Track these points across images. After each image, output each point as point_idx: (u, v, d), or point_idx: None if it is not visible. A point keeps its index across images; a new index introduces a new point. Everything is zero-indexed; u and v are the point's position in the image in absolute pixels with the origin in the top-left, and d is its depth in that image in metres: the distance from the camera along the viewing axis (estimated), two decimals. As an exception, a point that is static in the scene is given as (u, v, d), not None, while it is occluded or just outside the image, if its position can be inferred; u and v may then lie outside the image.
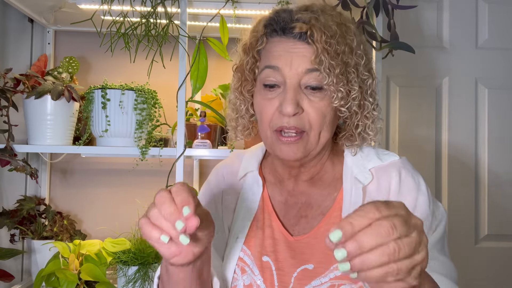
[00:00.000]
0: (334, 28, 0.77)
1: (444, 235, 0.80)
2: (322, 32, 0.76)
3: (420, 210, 0.78)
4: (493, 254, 1.87)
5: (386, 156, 0.85)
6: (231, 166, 0.94)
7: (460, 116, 1.88)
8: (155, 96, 1.46)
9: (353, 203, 0.79)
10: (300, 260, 0.80)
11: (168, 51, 1.34)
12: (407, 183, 0.81)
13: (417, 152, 1.85)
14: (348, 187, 0.82)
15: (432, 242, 0.76)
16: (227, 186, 0.92)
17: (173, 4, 1.37)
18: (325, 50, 0.75)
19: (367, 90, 0.81)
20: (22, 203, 1.60)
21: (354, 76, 0.78)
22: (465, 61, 1.90)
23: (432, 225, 0.79)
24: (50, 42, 1.74)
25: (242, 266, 0.83)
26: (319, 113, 0.77)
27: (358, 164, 0.84)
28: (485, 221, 1.87)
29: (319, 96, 0.77)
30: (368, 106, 0.82)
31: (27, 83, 1.44)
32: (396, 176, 0.81)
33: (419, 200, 0.79)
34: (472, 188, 1.87)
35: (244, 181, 0.90)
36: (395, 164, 0.83)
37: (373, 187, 0.82)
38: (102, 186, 1.76)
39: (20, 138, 1.52)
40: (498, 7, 1.91)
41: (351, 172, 0.83)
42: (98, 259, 1.43)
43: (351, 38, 0.79)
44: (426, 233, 0.74)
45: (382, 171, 0.83)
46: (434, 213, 0.80)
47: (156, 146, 1.43)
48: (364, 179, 0.82)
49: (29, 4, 1.52)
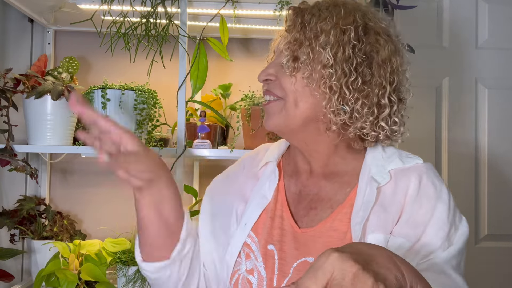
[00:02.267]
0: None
1: (462, 252, 0.76)
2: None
3: (437, 218, 0.75)
4: (493, 254, 1.87)
5: (409, 159, 0.83)
6: (255, 157, 0.96)
7: (460, 116, 1.88)
8: (155, 96, 1.46)
9: (365, 202, 0.77)
10: (302, 251, 0.80)
11: (168, 51, 1.34)
12: (427, 189, 0.78)
13: (417, 152, 1.84)
14: (363, 185, 0.80)
15: (447, 256, 0.73)
16: (246, 175, 0.93)
17: (173, 4, 1.37)
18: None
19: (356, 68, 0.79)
20: (22, 203, 1.60)
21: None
22: (465, 61, 1.90)
23: (450, 237, 0.75)
24: (50, 42, 1.74)
25: (247, 252, 0.84)
26: (292, 78, 0.81)
27: (378, 164, 0.82)
28: (485, 221, 1.88)
29: (295, 68, 0.81)
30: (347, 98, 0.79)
31: (27, 83, 1.44)
32: (416, 180, 0.79)
33: (438, 208, 0.76)
34: (472, 188, 1.88)
35: (264, 170, 0.91)
36: (417, 168, 0.81)
37: (389, 189, 0.79)
38: (102, 186, 1.75)
39: (20, 138, 1.52)
40: (498, 7, 1.91)
41: (369, 171, 0.81)
42: (98, 259, 1.43)
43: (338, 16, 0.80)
44: (442, 243, 0.73)
45: (402, 173, 0.81)
46: (455, 225, 0.76)
47: (156, 146, 1.43)
48: (381, 179, 0.79)
49: (29, 4, 1.52)
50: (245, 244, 0.85)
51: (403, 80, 0.83)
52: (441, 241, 0.74)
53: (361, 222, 0.76)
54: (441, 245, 0.74)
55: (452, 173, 1.87)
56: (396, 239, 0.75)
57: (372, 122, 0.79)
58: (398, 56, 0.81)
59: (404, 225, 0.76)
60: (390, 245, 0.74)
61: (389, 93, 0.79)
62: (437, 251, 0.73)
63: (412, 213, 0.76)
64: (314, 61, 0.78)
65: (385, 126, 0.80)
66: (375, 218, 0.76)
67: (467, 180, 1.87)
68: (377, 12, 0.84)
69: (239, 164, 0.98)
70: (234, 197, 0.91)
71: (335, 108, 0.78)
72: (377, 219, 0.76)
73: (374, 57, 0.79)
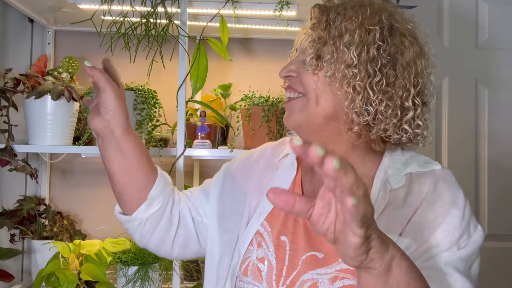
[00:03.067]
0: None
1: (473, 259, 0.74)
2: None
3: (449, 223, 0.74)
4: (493, 254, 1.87)
5: (427, 164, 0.82)
6: (277, 147, 0.97)
7: (460, 116, 1.88)
8: (155, 96, 1.46)
9: (377, 205, 0.77)
10: (312, 245, 0.80)
11: (168, 51, 1.34)
12: (443, 195, 0.77)
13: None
14: (377, 187, 0.79)
15: (453, 258, 0.72)
16: (265, 165, 0.93)
17: (173, 4, 1.37)
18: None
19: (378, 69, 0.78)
20: (22, 203, 1.60)
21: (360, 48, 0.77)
22: (465, 61, 1.90)
23: (460, 242, 0.74)
24: (50, 42, 1.74)
25: (259, 241, 0.85)
26: (314, 75, 0.81)
27: (395, 167, 0.81)
28: (485, 221, 1.88)
29: (318, 66, 0.82)
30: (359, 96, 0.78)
31: (27, 83, 1.44)
32: (431, 185, 0.78)
33: (450, 213, 0.75)
34: (472, 188, 1.88)
35: (283, 162, 0.91)
36: (434, 173, 0.80)
37: (402, 192, 0.78)
38: (102, 186, 1.76)
39: (20, 138, 1.52)
40: (498, 7, 1.91)
41: (384, 173, 0.81)
42: (98, 259, 1.43)
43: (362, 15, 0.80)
44: (449, 247, 0.72)
45: (418, 177, 0.80)
46: (468, 232, 0.75)
47: (156, 146, 1.43)
48: (395, 183, 0.79)
49: (29, 4, 1.52)
50: (257, 232, 0.85)
51: (428, 83, 0.81)
52: (449, 245, 0.73)
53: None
54: (448, 248, 0.72)
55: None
56: (403, 240, 0.74)
57: (396, 124, 0.78)
58: (423, 58, 0.80)
59: (414, 227, 0.75)
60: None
61: (413, 96, 0.78)
62: (442, 252, 0.72)
63: (423, 216, 0.75)
64: (337, 60, 0.77)
65: (408, 129, 0.79)
66: (385, 220, 0.76)
67: (467, 180, 1.87)
68: (404, 12, 0.83)
69: (261, 150, 0.98)
70: (249, 187, 0.92)
71: (359, 109, 0.76)
72: (387, 220, 0.76)
73: (399, 58, 0.77)
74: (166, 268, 1.39)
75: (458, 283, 0.70)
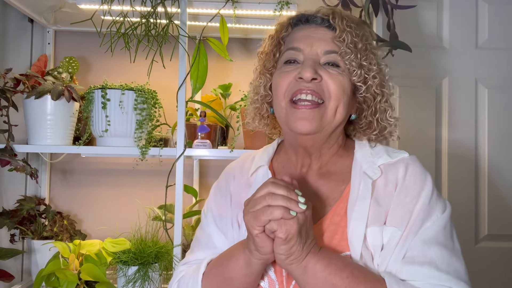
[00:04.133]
0: (352, 17, 0.87)
1: (447, 227, 0.79)
2: (343, 17, 0.85)
3: (422, 203, 0.79)
4: (493, 254, 1.87)
5: (396, 154, 0.87)
6: (241, 166, 0.97)
7: (460, 116, 1.88)
8: (155, 96, 1.46)
9: (360, 197, 0.80)
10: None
11: (168, 51, 1.34)
12: (413, 177, 0.82)
13: (417, 152, 1.84)
14: (356, 181, 0.83)
15: (431, 233, 0.77)
16: (238, 185, 0.93)
17: (173, 4, 1.37)
18: (346, 30, 0.83)
19: (384, 76, 0.87)
20: (22, 203, 1.60)
21: (374, 58, 0.85)
22: (465, 61, 1.90)
23: (433, 217, 0.78)
24: (50, 42, 1.74)
25: None
26: (338, 83, 0.82)
27: (368, 160, 0.86)
28: (485, 221, 1.87)
29: (337, 71, 0.83)
30: (387, 93, 0.87)
31: (27, 83, 1.44)
32: (403, 170, 0.83)
33: (422, 195, 0.80)
34: (472, 188, 1.88)
35: (256, 175, 0.92)
36: (403, 160, 0.85)
37: (381, 182, 0.83)
38: (102, 186, 1.76)
39: (20, 138, 1.52)
40: (498, 7, 1.91)
41: (360, 167, 0.85)
42: (98, 259, 1.42)
43: (367, 30, 0.88)
44: (423, 224, 0.77)
45: (391, 167, 0.84)
46: (437, 207, 0.80)
47: (156, 146, 1.43)
48: (373, 174, 0.83)
49: (29, 4, 1.53)
50: None
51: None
52: (424, 222, 0.78)
53: (361, 219, 0.78)
54: (424, 225, 0.78)
55: (452, 173, 1.87)
56: (389, 228, 0.78)
57: (377, 129, 0.89)
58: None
59: (394, 213, 0.79)
60: (384, 235, 0.78)
61: (387, 99, 0.89)
62: (420, 231, 0.77)
63: (399, 201, 0.80)
64: (369, 70, 0.84)
65: (386, 124, 0.89)
66: (371, 213, 0.79)
67: (467, 180, 1.87)
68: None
69: (227, 176, 0.97)
70: (229, 209, 0.91)
71: (365, 121, 0.88)
72: (373, 213, 0.79)
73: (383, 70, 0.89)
74: (166, 268, 1.39)
75: (437, 254, 0.75)
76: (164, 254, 1.37)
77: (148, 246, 1.37)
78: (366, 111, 0.88)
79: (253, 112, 0.95)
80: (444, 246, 0.77)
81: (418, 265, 0.74)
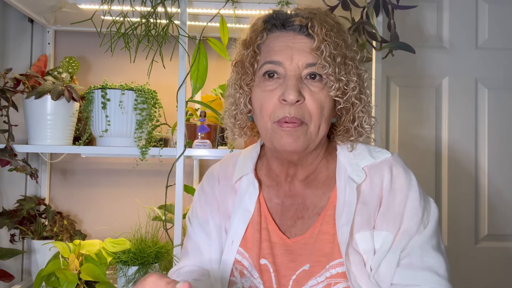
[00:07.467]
0: (331, 22, 0.81)
1: (437, 230, 0.80)
2: (322, 24, 0.79)
3: (411, 205, 0.79)
4: (493, 254, 1.87)
5: (379, 154, 0.86)
6: (225, 170, 0.94)
7: (460, 116, 1.88)
8: (155, 96, 1.46)
9: (347, 202, 0.80)
10: (298, 262, 0.80)
11: (168, 51, 1.34)
12: (399, 180, 0.81)
13: (417, 152, 1.85)
14: (341, 186, 0.82)
15: (425, 239, 0.77)
16: (224, 190, 0.91)
17: (173, 4, 1.37)
18: (325, 40, 0.78)
19: (363, 83, 0.84)
20: (22, 203, 1.60)
21: (352, 67, 0.81)
22: (465, 61, 1.90)
23: (424, 220, 0.79)
24: (50, 42, 1.74)
25: (240, 270, 0.84)
26: (318, 103, 0.79)
27: (351, 162, 0.85)
28: (485, 221, 1.88)
29: (318, 86, 0.79)
30: (365, 100, 0.84)
31: (27, 83, 1.44)
32: (388, 174, 0.82)
33: (410, 196, 0.80)
34: (472, 188, 1.88)
35: (240, 184, 0.89)
36: (387, 162, 0.84)
37: (366, 186, 0.82)
38: (102, 186, 1.76)
39: (20, 138, 1.52)
40: (498, 7, 1.91)
41: (345, 171, 0.84)
42: (98, 259, 1.42)
43: (346, 34, 0.83)
44: (418, 228, 0.78)
45: (375, 169, 0.83)
46: (426, 208, 0.80)
47: (156, 146, 1.43)
48: (358, 178, 0.82)
49: (29, 4, 1.52)
50: (236, 261, 0.84)
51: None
52: (416, 226, 0.78)
53: (347, 224, 0.78)
54: (417, 229, 0.78)
55: (452, 173, 1.87)
56: (381, 233, 0.78)
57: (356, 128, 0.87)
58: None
59: (384, 217, 0.79)
60: (376, 240, 0.77)
61: (365, 88, 0.87)
62: (415, 236, 0.77)
63: (388, 205, 0.80)
64: (348, 83, 0.81)
65: (366, 126, 0.86)
66: (359, 218, 0.79)
67: (467, 180, 1.87)
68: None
69: (211, 179, 0.95)
70: (216, 214, 0.90)
71: (343, 127, 0.86)
72: (361, 217, 0.79)
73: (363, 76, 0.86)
74: (166, 268, 1.39)
75: (434, 259, 0.76)
76: (164, 254, 1.37)
77: (148, 246, 1.37)
78: (345, 116, 0.85)
79: (232, 125, 0.90)
80: (438, 249, 0.78)
81: (420, 270, 0.75)
